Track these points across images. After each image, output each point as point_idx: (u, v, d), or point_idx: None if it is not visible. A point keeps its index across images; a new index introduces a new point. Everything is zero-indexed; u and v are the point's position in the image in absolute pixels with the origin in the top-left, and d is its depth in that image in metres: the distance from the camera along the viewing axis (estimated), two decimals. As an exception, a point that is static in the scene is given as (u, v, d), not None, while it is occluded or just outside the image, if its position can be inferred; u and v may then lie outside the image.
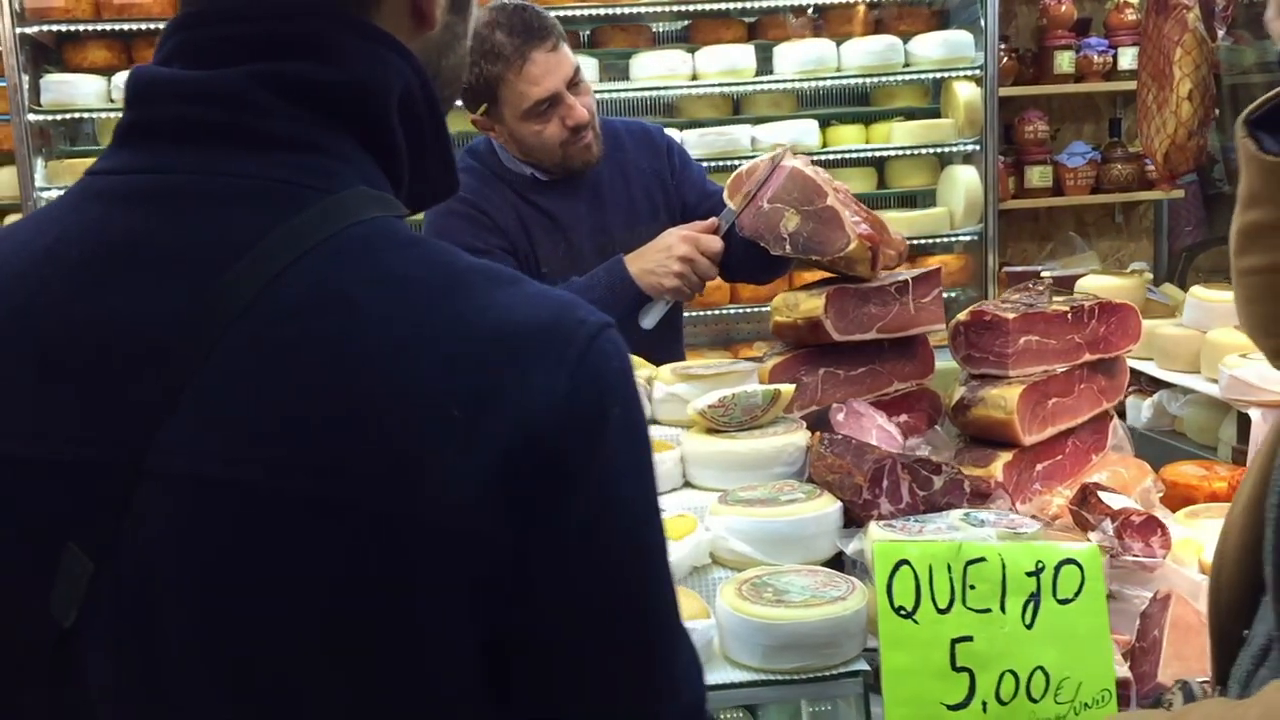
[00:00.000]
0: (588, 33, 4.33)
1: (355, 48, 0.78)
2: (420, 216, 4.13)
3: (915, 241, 4.26)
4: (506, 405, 0.68)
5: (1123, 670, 1.52)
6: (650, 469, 0.77)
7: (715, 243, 2.27)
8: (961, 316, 2.19)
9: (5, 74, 3.71)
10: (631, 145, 2.57)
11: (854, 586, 1.48)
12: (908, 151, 4.21)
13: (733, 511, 1.62)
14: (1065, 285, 3.78)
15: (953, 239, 4.27)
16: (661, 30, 4.38)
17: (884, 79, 4.17)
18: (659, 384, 1.99)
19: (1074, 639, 1.48)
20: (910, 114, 4.33)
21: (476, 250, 2.38)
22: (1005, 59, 4.43)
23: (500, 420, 0.68)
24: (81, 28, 3.86)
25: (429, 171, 0.87)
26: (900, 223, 4.22)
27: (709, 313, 4.14)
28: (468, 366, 0.69)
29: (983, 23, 4.06)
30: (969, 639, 1.46)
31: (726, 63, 4.03)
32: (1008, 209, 4.63)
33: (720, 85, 4.06)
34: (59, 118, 3.88)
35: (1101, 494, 1.96)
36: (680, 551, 1.56)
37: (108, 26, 3.85)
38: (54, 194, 3.93)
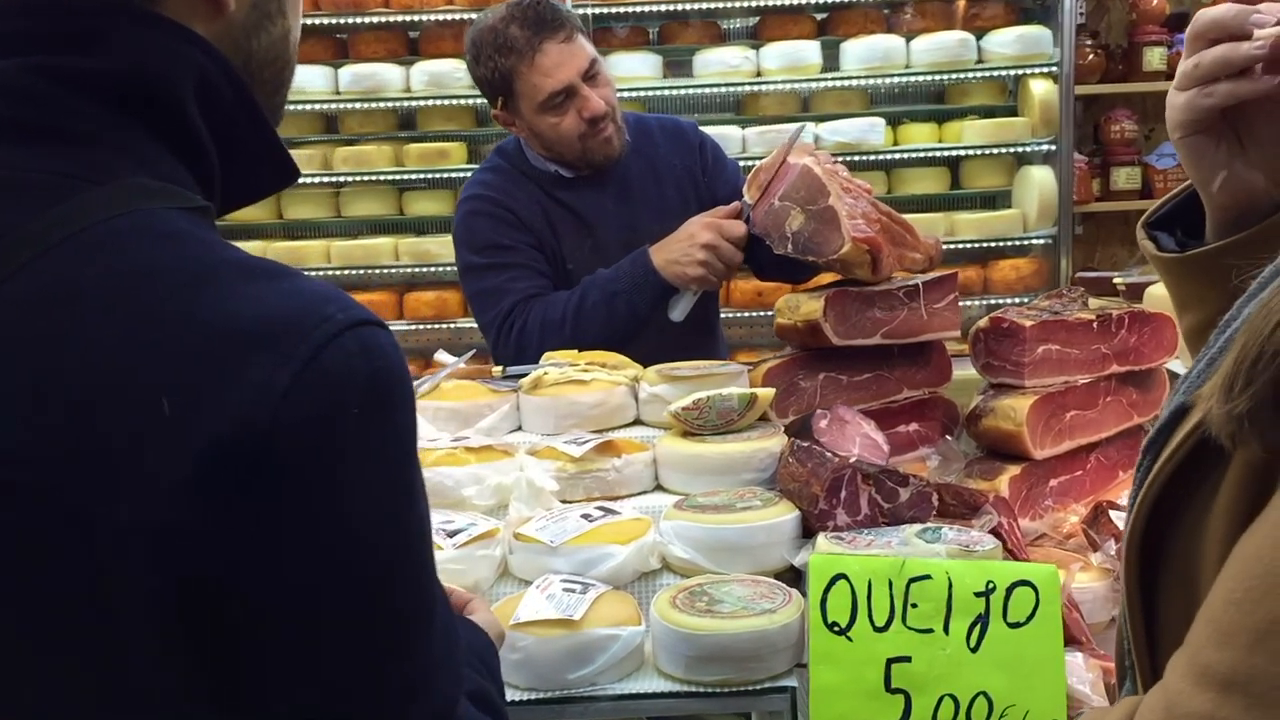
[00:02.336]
0: (656, 30, 4.30)
1: (138, 38, 0.78)
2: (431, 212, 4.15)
3: (986, 244, 4.13)
4: (219, 402, 0.67)
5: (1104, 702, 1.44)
6: (402, 472, 0.74)
7: (738, 227, 2.22)
8: (981, 323, 2.11)
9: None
10: (663, 141, 2.55)
11: (790, 599, 1.43)
12: (981, 151, 4.08)
13: (683, 517, 1.59)
14: (1136, 293, 3.62)
15: (1026, 242, 4.12)
16: (731, 26, 4.33)
17: (957, 76, 4.04)
18: (643, 384, 1.96)
19: (1023, 665, 1.41)
20: (986, 112, 4.19)
21: (500, 246, 2.38)
22: (1092, 55, 4.25)
23: (211, 417, 0.66)
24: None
25: (249, 160, 0.86)
26: (969, 225, 4.10)
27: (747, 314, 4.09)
28: (184, 362, 0.68)
29: (1060, 17, 3.90)
30: (906, 659, 1.40)
31: (791, 59, 3.97)
32: (1094, 212, 4.45)
33: (783, 81, 4.00)
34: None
35: (1114, 513, 1.86)
36: (622, 555, 1.53)
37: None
38: (132, 185, 4.09)
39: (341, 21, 4.02)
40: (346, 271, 4.10)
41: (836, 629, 1.40)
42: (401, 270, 4.09)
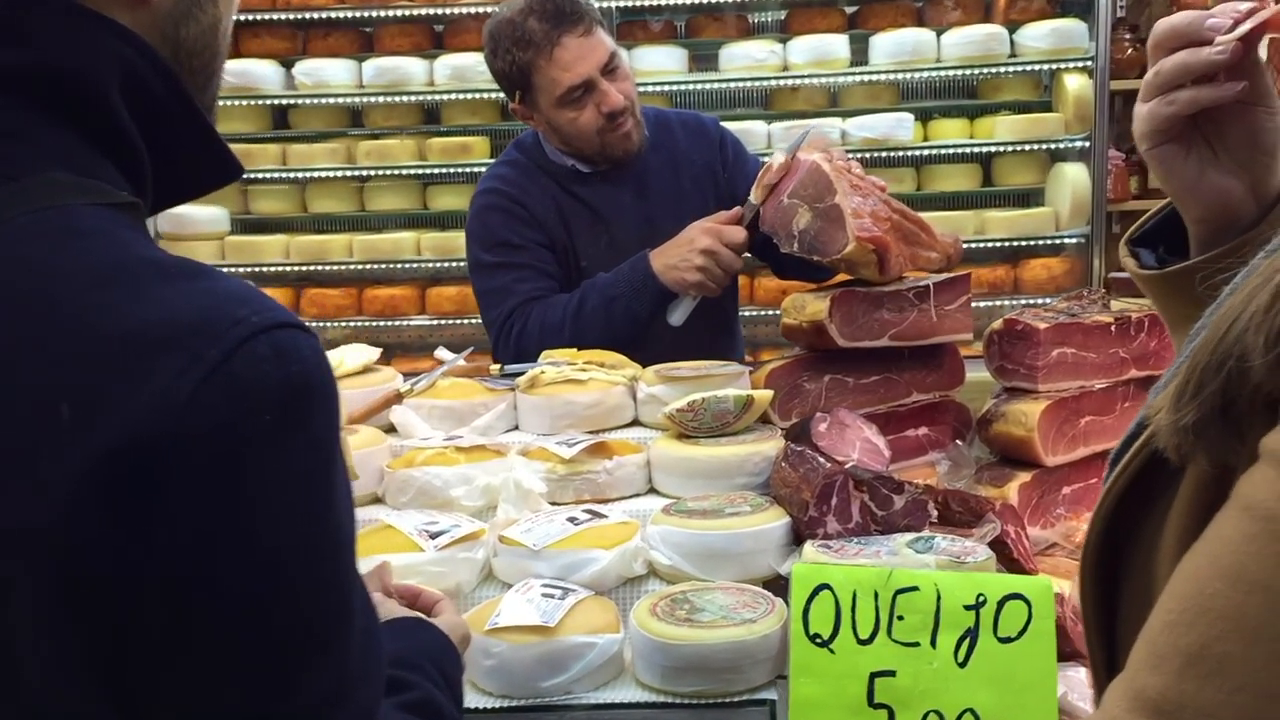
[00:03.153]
0: (684, 23, 4.25)
1: (57, 29, 0.75)
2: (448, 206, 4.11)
3: (1018, 243, 4.05)
4: (120, 407, 0.65)
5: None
6: (317, 481, 0.72)
7: (738, 234, 2.18)
8: (995, 325, 2.06)
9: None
10: (684, 136, 2.51)
11: (773, 609, 1.39)
12: (1013, 147, 4.00)
13: (669, 522, 1.55)
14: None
15: (1058, 241, 4.03)
16: (760, 20, 4.27)
17: (989, 70, 3.96)
18: (641, 385, 1.93)
19: (1013, 682, 1.36)
20: (1019, 107, 4.11)
21: (510, 244, 2.36)
22: (1131, 49, 4.15)
23: (111, 423, 0.64)
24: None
25: (185, 155, 0.84)
26: (1000, 223, 4.02)
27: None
28: (85, 366, 0.66)
29: (1096, 10, 3.81)
30: (891, 673, 1.36)
31: (818, 53, 3.91)
32: (1131, 210, 4.35)
33: (810, 76, 3.94)
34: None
35: (1126, 522, 1.80)
36: (605, 560, 1.50)
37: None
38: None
39: (366, 15, 4.01)
40: (369, 266, 4.10)
41: (819, 641, 1.36)
42: (425, 265, 4.08)
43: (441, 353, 2.13)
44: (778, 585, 1.53)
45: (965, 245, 4.03)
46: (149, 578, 0.66)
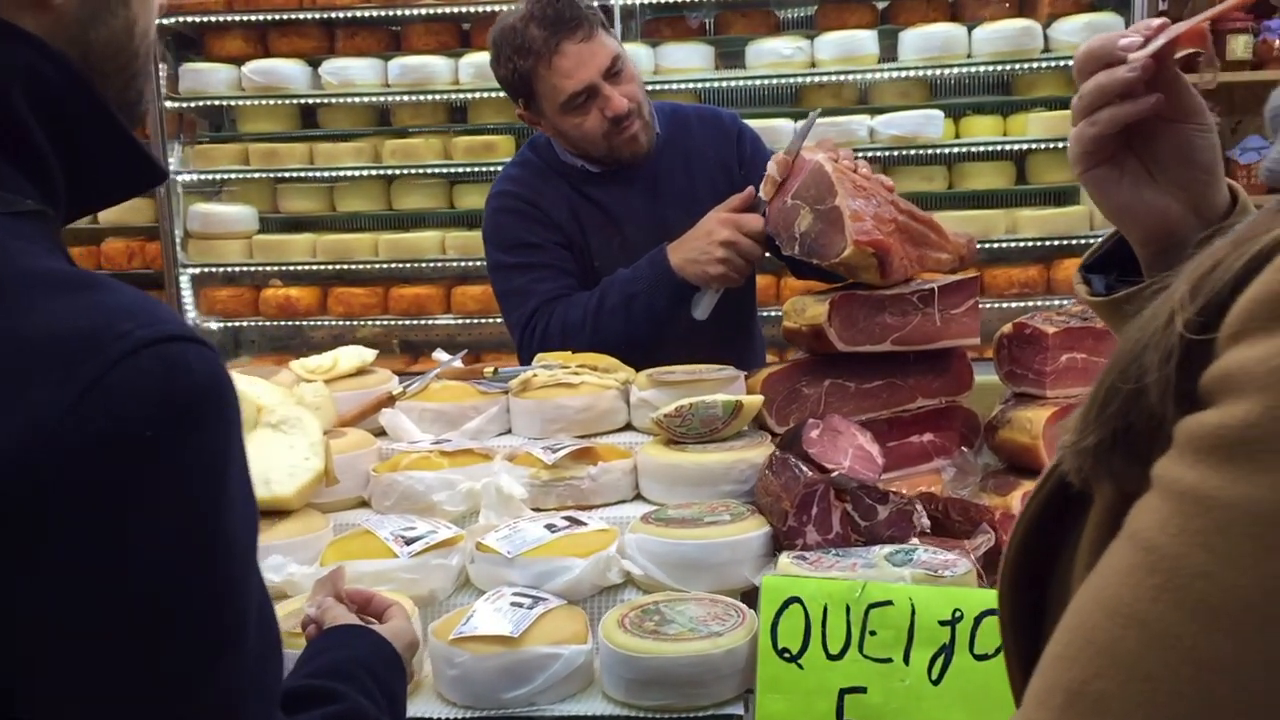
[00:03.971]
0: (712, 20, 4.21)
1: None
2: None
3: (1051, 243, 3.96)
4: None
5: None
6: (204, 496, 0.71)
7: (755, 221, 2.13)
8: (1005, 329, 2.01)
9: (144, 63, 3.94)
10: (699, 132, 2.47)
11: (742, 621, 1.36)
12: (1047, 145, 3.91)
13: (646, 530, 1.52)
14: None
15: (1092, 241, 3.92)
16: (788, 16, 4.22)
17: (1022, 66, 3.88)
18: (634, 388, 1.90)
19: (989, 700, 1.32)
20: (1054, 104, 4.02)
21: (528, 244, 2.35)
22: (1170, 44, 4.04)
23: None
24: (222, 18, 4.05)
25: (101, 160, 0.83)
26: (1033, 222, 3.94)
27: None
28: None
29: (1134, 3, 3.72)
30: (861, 690, 1.32)
31: (846, 49, 3.85)
32: (1170, 208, 4.24)
33: (836, 73, 3.88)
34: (193, 105, 4.10)
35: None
36: (579, 569, 1.47)
37: (241, 17, 4.03)
38: (187, 178, 4.16)
39: (393, 14, 4.02)
40: (394, 265, 4.11)
41: (787, 655, 1.33)
42: (450, 264, 4.08)
43: (438, 354, 2.11)
44: (754, 597, 1.49)
45: (997, 245, 3.99)
46: (23, 594, 0.65)
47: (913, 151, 3.91)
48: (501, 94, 3.92)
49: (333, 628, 1.12)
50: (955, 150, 3.96)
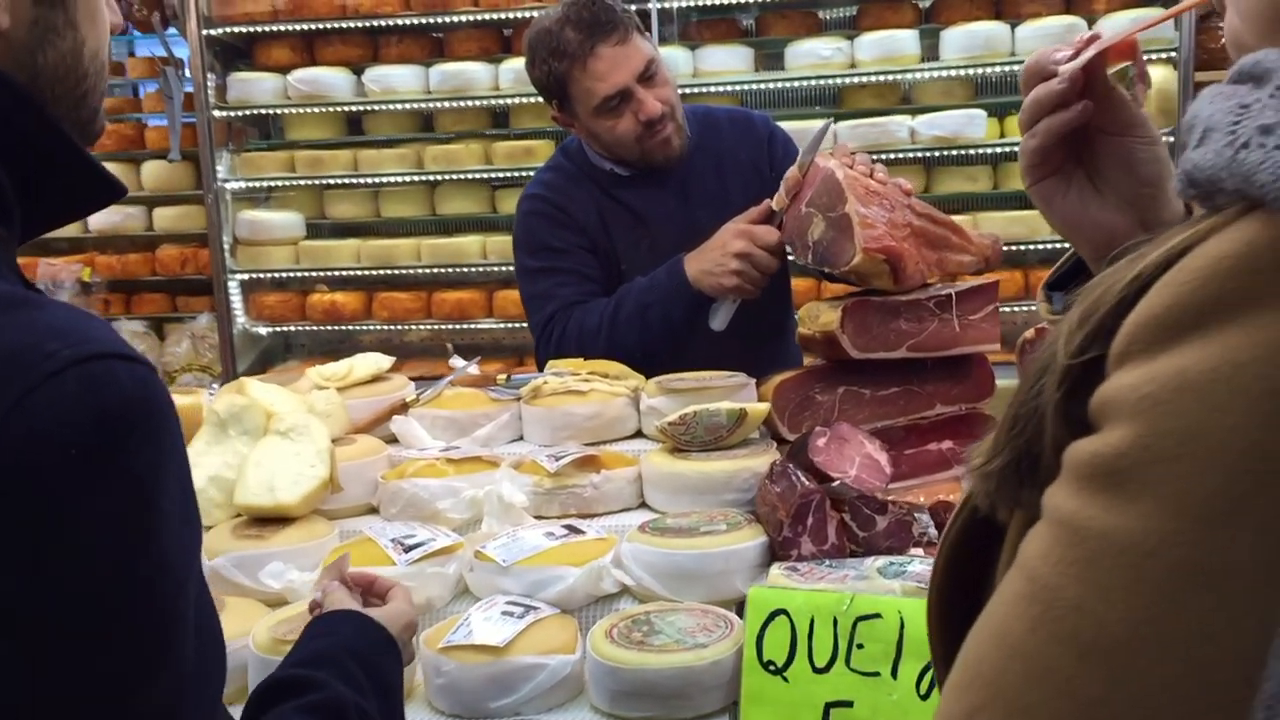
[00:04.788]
0: (753, 21, 4.19)
1: None
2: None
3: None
4: None
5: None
6: (134, 513, 0.71)
7: (770, 234, 2.12)
8: (1027, 334, 1.97)
9: (191, 73, 4.03)
10: (730, 135, 2.47)
11: (730, 633, 1.35)
12: (1095, 143, 3.82)
13: (641, 540, 1.52)
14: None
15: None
16: (830, 16, 4.19)
17: (1066, 64, 3.79)
18: (644, 396, 1.90)
19: (979, 717, 1.29)
20: (1103, 102, 3.93)
21: (553, 249, 2.36)
22: (1221, 39, 3.94)
23: None
24: (267, 28, 4.12)
25: (56, 179, 0.85)
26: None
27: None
28: None
29: (1182, -1, 3.62)
30: (848, 704, 1.31)
31: (886, 49, 3.80)
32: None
33: (876, 73, 3.84)
34: (239, 114, 4.17)
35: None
36: (572, 578, 1.47)
37: (287, 26, 4.10)
38: (235, 185, 4.23)
39: (435, 20, 4.05)
40: (435, 270, 4.14)
41: (772, 668, 1.32)
42: (492, 268, 4.10)
43: (454, 360, 2.13)
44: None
45: (1043, 246, 3.90)
46: None
47: (955, 152, 3.85)
48: (541, 99, 3.95)
49: (322, 614, 1.14)
50: (999, 150, 3.89)
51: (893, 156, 3.79)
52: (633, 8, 3.04)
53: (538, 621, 1.40)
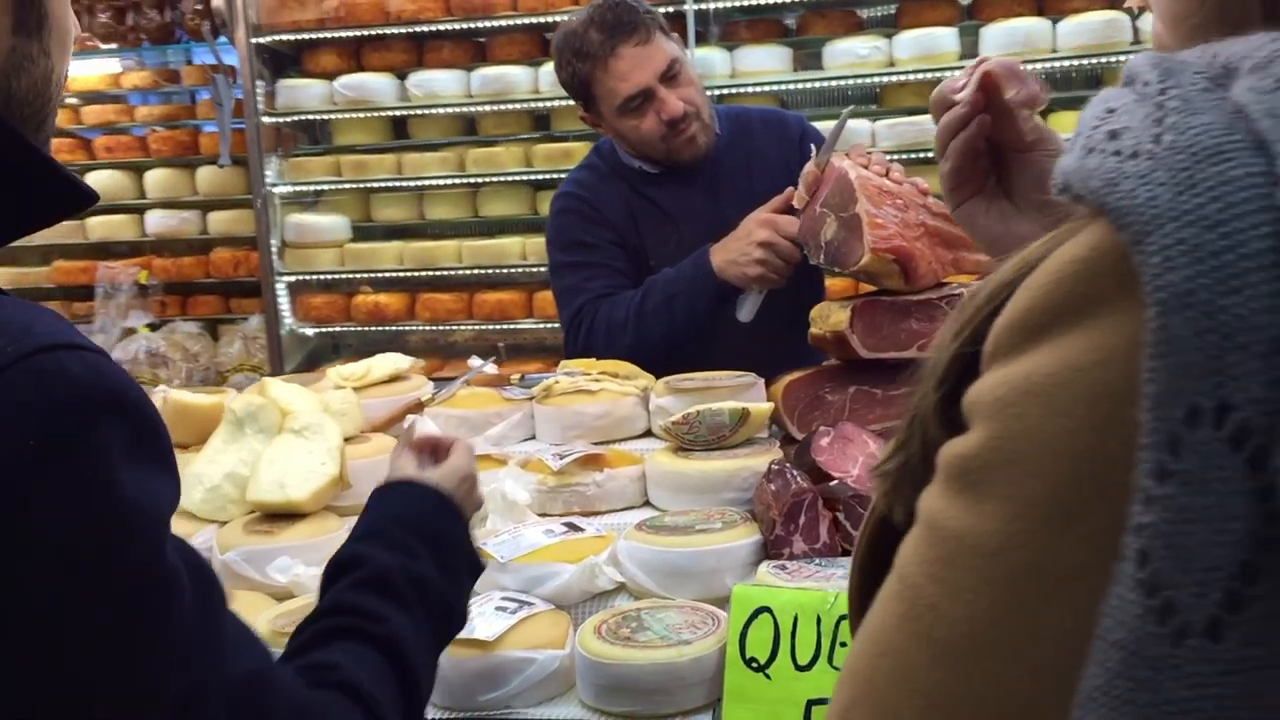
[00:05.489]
0: (794, 21, 4.19)
1: None
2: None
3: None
4: None
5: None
6: (99, 496, 0.74)
7: (793, 223, 2.14)
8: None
9: (241, 80, 4.12)
10: (762, 135, 2.49)
11: (716, 629, 1.36)
12: (1140, 140, 3.76)
13: (637, 538, 1.54)
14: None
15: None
16: (870, 15, 4.17)
17: (1109, 59, 3.74)
18: (652, 395, 1.92)
19: (961, 716, 1.29)
20: (1149, 97, 3.86)
21: (584, 244, 2.40)
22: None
23: None
24: (313, 35, 4.20)
25: (23, 188, 0.89)
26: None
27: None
28: None
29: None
30: (830, 702, 1.31)
31: (924, 47, 3.78)
32: None
33: (914, 71, 3.81)
34: (287, 120, 4.26)
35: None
36: (567, 575, 1.50)
37: (333, 34, 4.18)
38: (283, 189, 4.32)
39: (477, 25, 4.11)
40: (476, 271, 4.20)
41: (755, 665, 1.33)
42: (532, 269, 4.15)
43: (472, 360, 2.17)
44: (744, 605, 1.49)
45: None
46: None
47: (996, 149, 3.81)
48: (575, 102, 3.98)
49: (379, 487, 1.22)
50: (1041, 147, 3.85)
51: (931, 155, 3.76)
52: (670, 9, 3.06)
53: (530, 617, 1.43)
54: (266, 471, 1.70)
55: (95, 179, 4.81)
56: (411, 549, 1.10)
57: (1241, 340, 0.42)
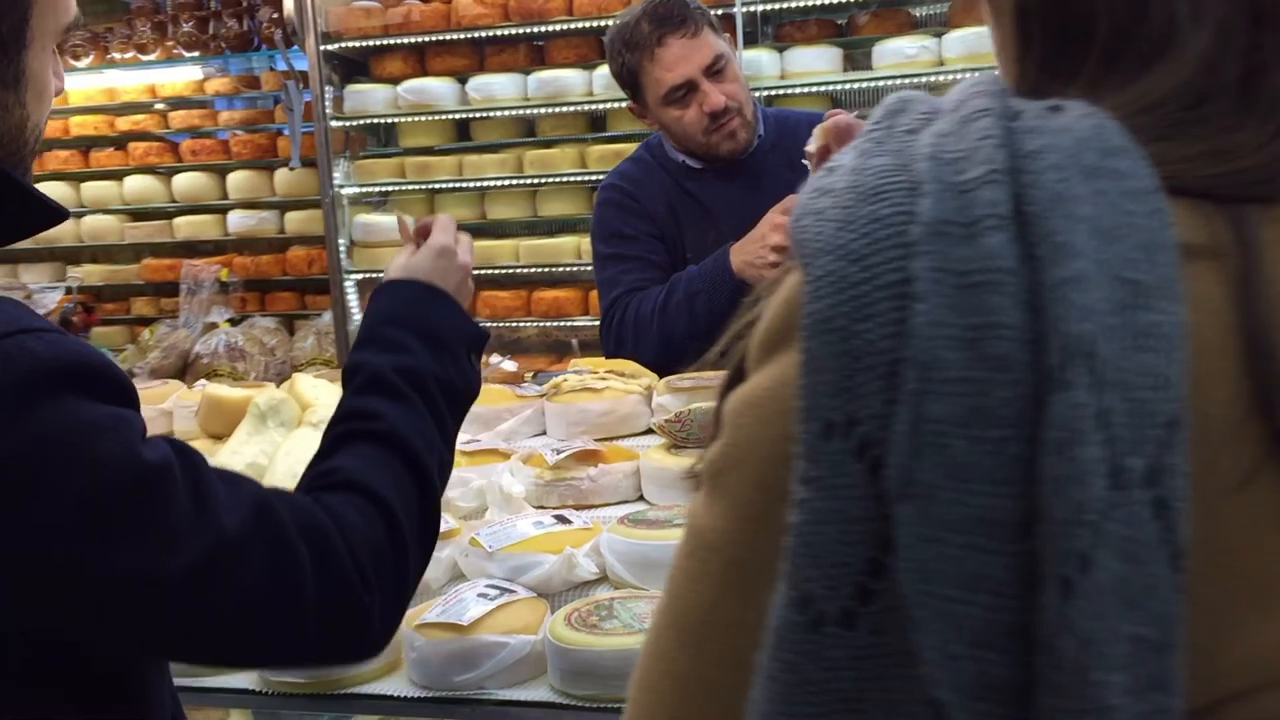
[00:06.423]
0: (846, 21, 4.20)
1: None
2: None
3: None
4: None
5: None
6: (80, 465, 0.84)
7: None
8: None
9: (311, 86, 4.29)
10: (806, 135, 2.54)
11: (677, 620, 1.43)
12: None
13: (618, 530, 1.61)
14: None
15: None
16: (923, 14, 4.16)
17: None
18: (655, 393, 1.98)
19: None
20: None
21: (623, 235, 2.49)
22: None
23: None
24: (378, 42, 4.35)
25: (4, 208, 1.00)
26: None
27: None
28: None
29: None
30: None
31: (973, 47, 3.76)
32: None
33: (965, 70, 3.80)
34: (353, 123, 4.42)
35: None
36: (548, 564, 1.58)
37: (397, 40, 4.32)
38: (349, 190, 4.48)
39: (535, 30, 4.22)
40: (532, 269, 4.32)
41: (709, 654, 1.39)
42: (585, 268, 4.24)
43: (493, 359, 2.26)
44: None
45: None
46: None
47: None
48: (627, 103, 4.05)
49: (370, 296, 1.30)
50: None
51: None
52: (719, 11, 3.10)
53: (509, 604, 1.51)
54: (283, 462, 1.81)
55: (182, 181, 5.05)
56: (400, 343, 1.16)
57: (868, 362, 0.48)
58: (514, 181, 4.32)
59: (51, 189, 5.24)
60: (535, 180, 4.30)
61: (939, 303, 0.47)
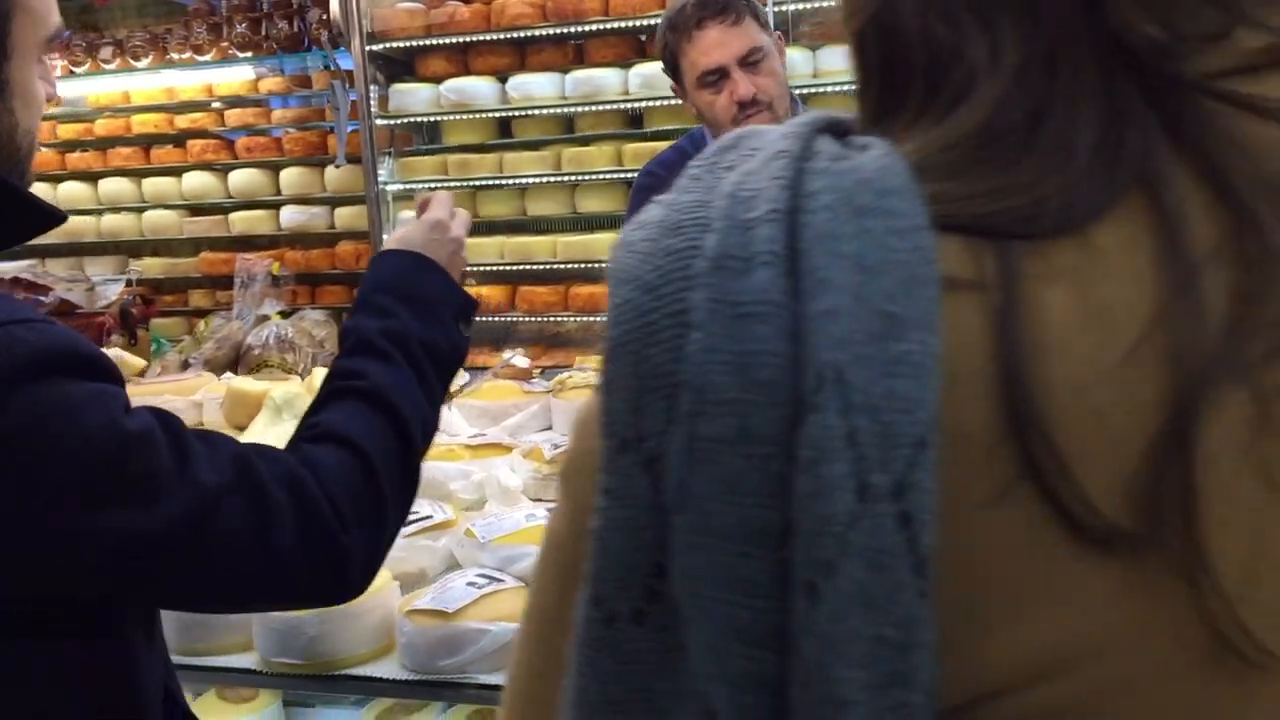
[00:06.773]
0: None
1: None
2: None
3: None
4: None
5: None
6: (54, 458, 0.91)
7: None
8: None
9: (356, 86, 4.40)
10: None
11: (649, 611, 1.48)
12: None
13: (602, 524, 1.67)
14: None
15: None
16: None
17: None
18: (654, 392, 2.04)
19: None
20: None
21: None
22: None
23: None
24: (421, 43, 4.45)
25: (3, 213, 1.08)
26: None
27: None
28: None
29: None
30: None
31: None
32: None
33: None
34: (397, 122, 4.52)
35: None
36: (535, 554, 1.64)
37: (439, 40, 4.41)
38: (394, 187, 4.59)
39: (569, 30, 4.29)
40: (569, 265, 4.40)
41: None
42: (621, 264, 4.29)
43: (506, 354, 2.33)
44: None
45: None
46: None
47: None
48: (669, 102, 4.10)
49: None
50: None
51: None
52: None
53: (495, 593, 1.58)
54: (294, 454, 1.90)
55: (237, 177, 5.20)
56: (387, 309, 1.22)
57: (653, 384, 0.53)
58: (553, 178, 4.40)
59: (114, 185, 5.43)
60: (573, 177, 4.37)
61: (713, 330, 0.52)
